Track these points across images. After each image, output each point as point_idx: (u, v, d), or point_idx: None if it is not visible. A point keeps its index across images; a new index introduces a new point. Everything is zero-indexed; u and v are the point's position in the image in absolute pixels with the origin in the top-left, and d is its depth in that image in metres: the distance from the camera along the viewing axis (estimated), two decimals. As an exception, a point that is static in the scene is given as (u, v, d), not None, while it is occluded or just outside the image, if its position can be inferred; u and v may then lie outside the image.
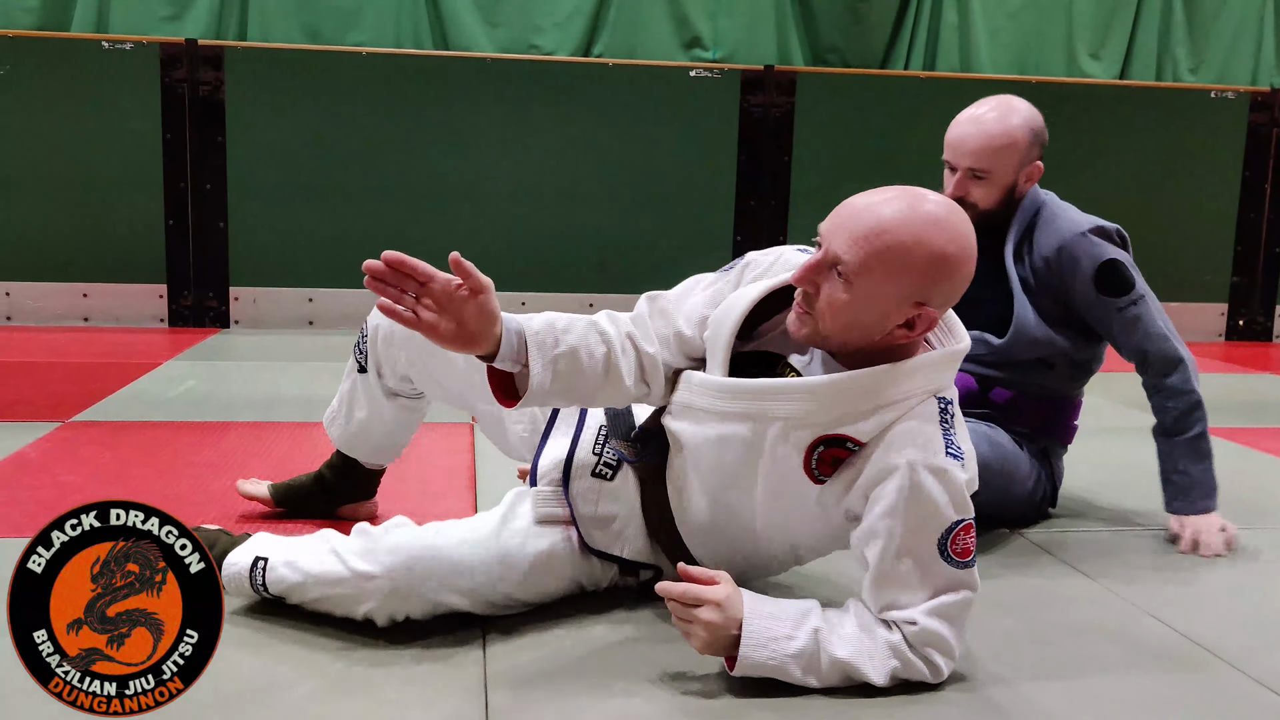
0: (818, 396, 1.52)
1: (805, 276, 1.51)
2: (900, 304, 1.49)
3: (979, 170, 2.23)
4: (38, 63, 4.71)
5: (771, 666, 1.48)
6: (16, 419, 2.96)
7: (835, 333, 1.52)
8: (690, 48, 5.47)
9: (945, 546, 1.49)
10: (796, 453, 1.53)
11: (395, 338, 1.91)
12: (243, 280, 4.93)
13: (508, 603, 1.67)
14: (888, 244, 1.46)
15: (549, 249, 5.12)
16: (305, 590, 1.63)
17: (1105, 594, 1.96)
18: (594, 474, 1.73)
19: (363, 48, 5.05)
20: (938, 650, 1.52)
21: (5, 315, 4.81)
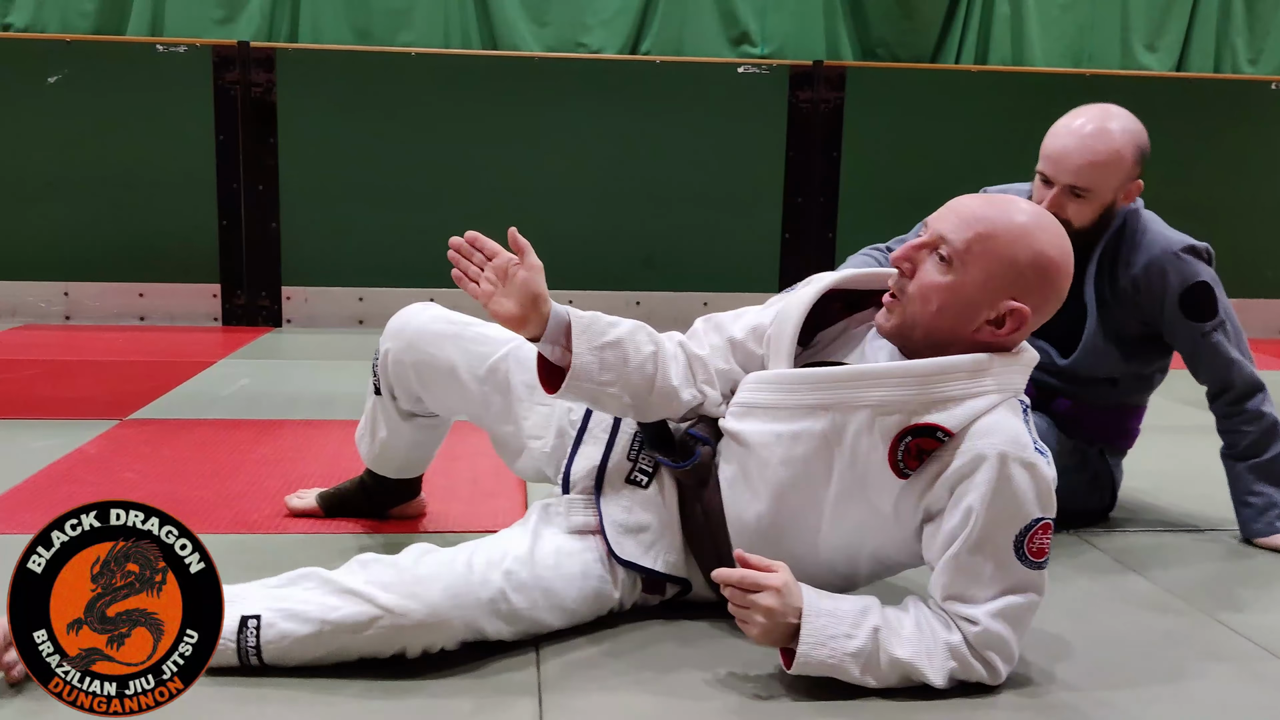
0: (913, 380, 1.49)
1: (904, 254, 1.52)
2: (996, 296, 1.49)
3: (1080, 188, 2.08)
4: (94, 66, 4.79)
5: (830, 665, 1.46)
6: (76, 416, 3.00)
7: (924, 320, 1.52)
8: (738, 44, 5.45)
9: (1022, 544, 1.47)
10: (882, 443, 1.50)
11: (406, 364, 1.85)
12: (294, 280, 4.98)
13: (538, 629, 1.61)
14: (995, 231, 1.48)
15: (596, 246, 5.12)
16: (320, 643, 1.45)
17: (1167, 597, 1.92)
18: (628, 480, 1.68)
19: (412, 48, 5.08)
20: (998, 654, 1.49)
21: (64, 315, 4.90)
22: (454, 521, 2.18)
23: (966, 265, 1.48)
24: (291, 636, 1.45)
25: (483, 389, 1.81)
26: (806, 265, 5.09)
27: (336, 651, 1.47)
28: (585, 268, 5.10)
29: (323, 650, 1.46)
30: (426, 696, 1.45)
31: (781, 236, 5.18)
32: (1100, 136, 2.09)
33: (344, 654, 1.47)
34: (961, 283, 1.49)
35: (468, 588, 1.50)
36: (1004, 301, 1.49)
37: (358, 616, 1.45)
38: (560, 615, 1.61)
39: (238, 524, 2.14)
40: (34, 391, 3.38)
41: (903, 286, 1.53)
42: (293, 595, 1.48)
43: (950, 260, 1.49)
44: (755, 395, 1.62)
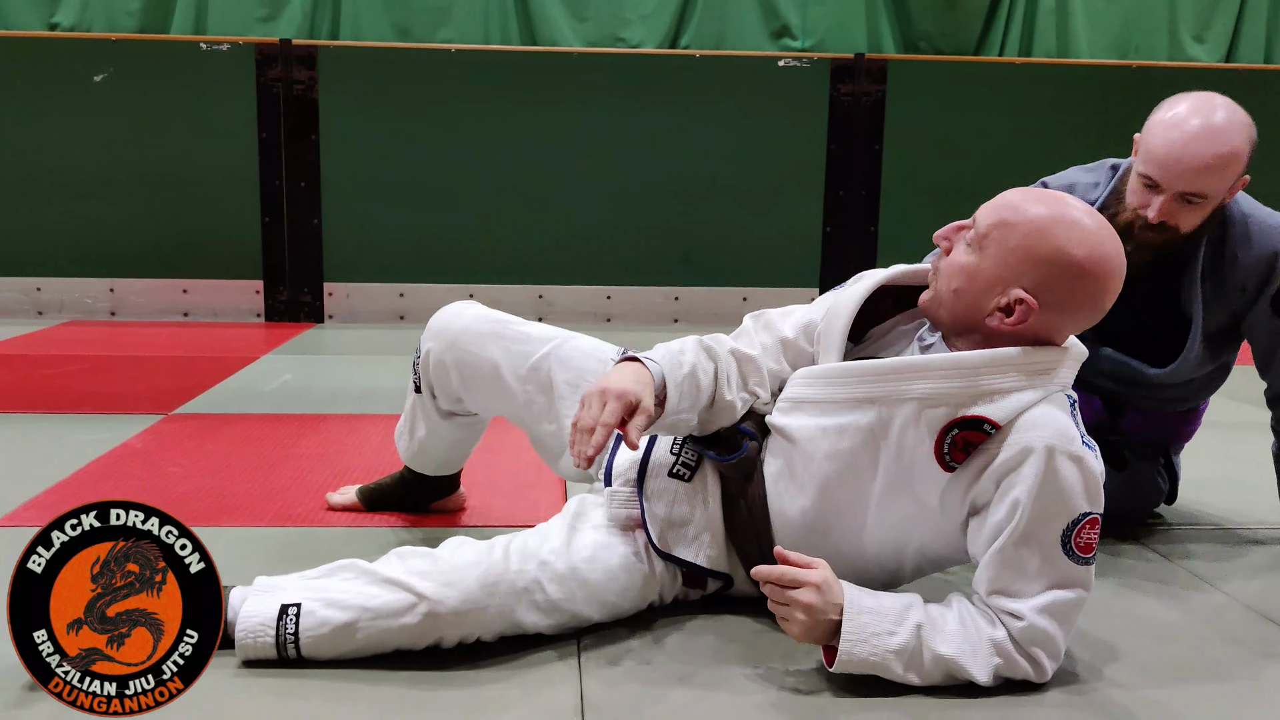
0: (961, 372, 1.49)
1: (943, 233, 1.56)
2: (1006, 283, 1.49)
3: (1194, 195, 1.86)
4: (139, 65, 4.85)
5: (872, 663, 1.45)
6: (122, 411, 3.04)
7: (947, 298, 1.54)
8: (779, 37, 5.42)
9: (1069, 538, 1.45)
10: (928, 436, 1.50)
11: (447, 364, 1.84)
12: (336, 276, 5.02)
13: (576, 622, 1.60)
14: (1017, 220, 1.48)
15: (636, 242, 5.11)
16: (354, 631, 1.45)
17: (1218, 596, 1.89)
18: (671, 474, 1.67)
19: (452, 44, 5.10)
20: (1044, 650, 1.47)
21: (110, 310, 4.96)
22: (494, 515, 2.18)
23: (985, 249, 1.50)
24: (330, 624, 1.45)
25: (525, 388, 1.81)
26: (848, 259, 5.06)
27: (373, 640, 1.46)
28: (624, 263, 5.10)
29: (360, 639, 1.46)
30: (468, 686, 1.45)
31: (823, 230, 5.14)
32: (1215, 137, 1.84)
33: (381, 644, 1.47)
34: (978, 265, 1.50)
35: (503, 577, 1.51)
36: (1014, 290, 1.48)
37: (395, 604, 1.45)
38: (598, 608, 1.60)
39: (281, 518, 2.15)
40: (81, 386, 3.43)
41: (938, 266, 1.56)
42: (332, 585, 1.49)
43: (972, 243, 1.51)
44: (803, 390, 1.62)
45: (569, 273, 5.05)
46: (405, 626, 1.46)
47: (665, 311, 5.13)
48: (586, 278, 5.07)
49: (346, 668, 1.47)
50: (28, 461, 2.51)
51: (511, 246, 5.02)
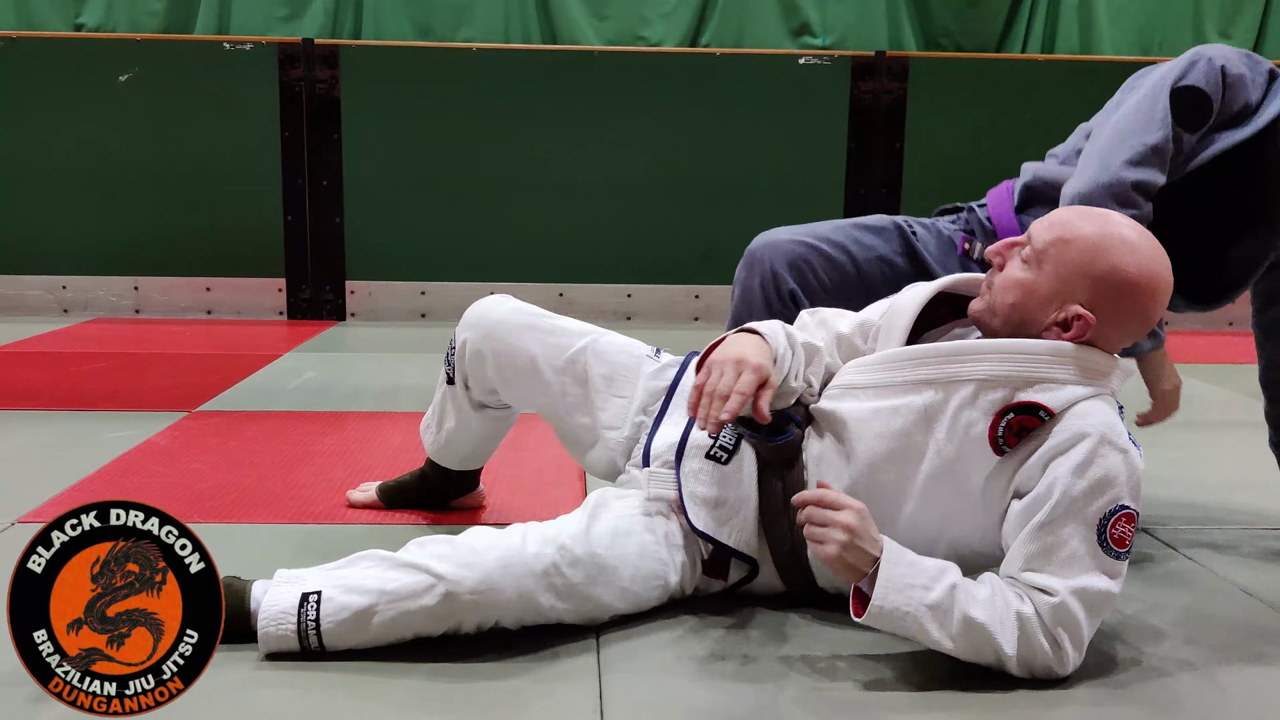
0: (1021, 357, 1.53)
1: (997, 249, 1.62)
2: (1063, 299, 1.55)
3: None
4: (163, 64, 4.88)
5: (904, 614, 1.43)
6: (146, 408, 3.06)
7: (1003, 310, 1.59)
8: (799, 35, 5.41)
9: (1106, 527, 1.46)
10: (984, 418, 1.53)
11: (484, 354, 1.86)
12: (358, 274, 5.04)
13: (596, 609, 1.59)
14: (1073, 238, 1.54)
15: (657, 240, 5.11)
16: (374, 617, 1.46)
17: (1246, 597, 1.87)
18: (708, 455, 1.67)
19: (473, 43, 5.11)
20: (1069, 635, 1.45)
21: (134, 308, 5.00)
22: (515, 513, 2.19)
23: (1042, 266, 1.56)
24: (350, 609, 1.46)
25: (561, 380, 1.83)
26: (868, 258, 5.04)
27: (393, 624, 1.47)
28: (645, 261, 5.10)
29: (380, 623, 1.47)
30: (487, 679, 1.46)
31: (843, 229, 5.13)
32: None
33: (400, 628, 1.48)
34: (1036, 281, 1.56)
35: (521, 559, 1.51)
36: (1072, 306, 1.54)
37: (414, 586, 1.46)
38: (617, 595, 1.60)
39: (303, 515, 2.16)
40: (106, 384, 3.45)
41: (992, 280, 1.62)
42: (352, 573, 1.51)
43: (1028, 260, 1.57)
44: (856, 377, 1.65)
45: (589, 271, 5.05)
46: (424, 608, 1.47)
47: (686, 310, 5.13)
48: (607, 276, 5.07)
49: (366, 660, 1.48)
50: (54, 458, 2.54)
51: (532, 244, 5.03)
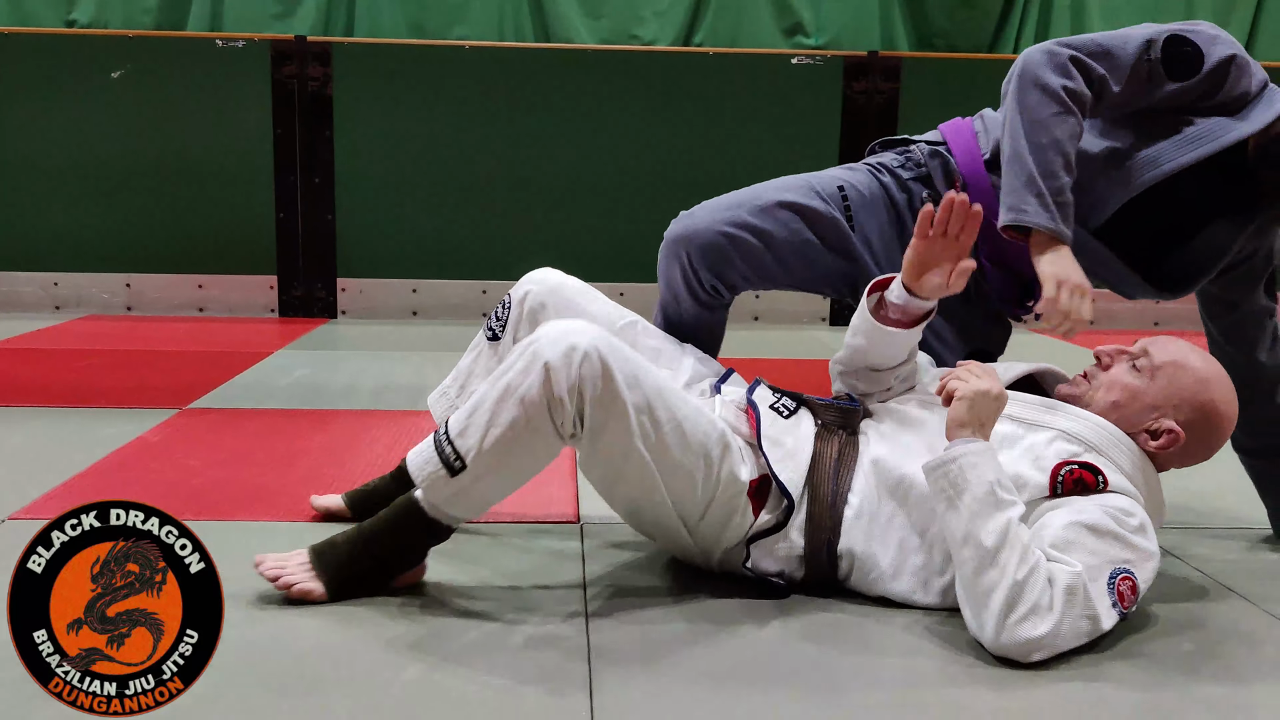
0: (1106, 432, 1.69)
1: (1111, 351, 1.79)
2: (1163, 413, 1.72)
3: None
4: (156, 61, 4.88)
5: (964, 478, 1.56)
6: (138, 405, 3.06)
7: (1103, 407, 1.74)
8: (792, 35, 5.42)
9: (1115, 578, 1.56)
10: (1052, 458, 1.65)
11: (546, 306, 1.95)
12: (350, 271, 5.04)
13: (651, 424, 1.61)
14: (1190, 366, 1.73)
15: (650, 239, 5.07)
16: (480, 405, 1.59)
17: (1231, 596, 1.88)
18: (771, 408, 1.79)
19: (466, 41, 5.11)
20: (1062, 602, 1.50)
21: (126, 305, 4.99)
22: (503, 511, 2.18)
23: (1155, 378, 1.73)
24: (465, 410, 1.61)
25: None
26: (860, 257, 5.05)
27: (502, 408, 1.57)
28: (638, 261, 5.09)
29: (488, 409, 1.58)
30: (482, 678, 1.46)
31: (835, 228, 5.14)
32: None
33: (509, 411, 1.56)
34: (1145, 389, 1.73)
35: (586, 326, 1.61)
36: (1168, 420, 1.71)
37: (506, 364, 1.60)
38: (678, 437, 1.63)
39: (295, 512, 2.16)
40: (97, 381, 3.45)
41: (1095, 374, 1.78)
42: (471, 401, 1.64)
43: (1143, 370, 1.74)
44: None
45: (582, 268, 4.99)
46: (525, 390, 1.55)
47: (678, 308, 5.13)
48: (600, 274, 5.02)
49: (358, 660, 1.48)
50: (47, 455, 2.54)
51: (524, 242, 5.04)
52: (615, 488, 1.71)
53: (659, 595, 1.76)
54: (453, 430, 1.61)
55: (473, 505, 1.67)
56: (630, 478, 1.65)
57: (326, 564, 1.67)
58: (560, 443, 1.62)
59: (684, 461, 1.64)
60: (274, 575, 1.65)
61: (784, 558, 1.72)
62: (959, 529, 1.55)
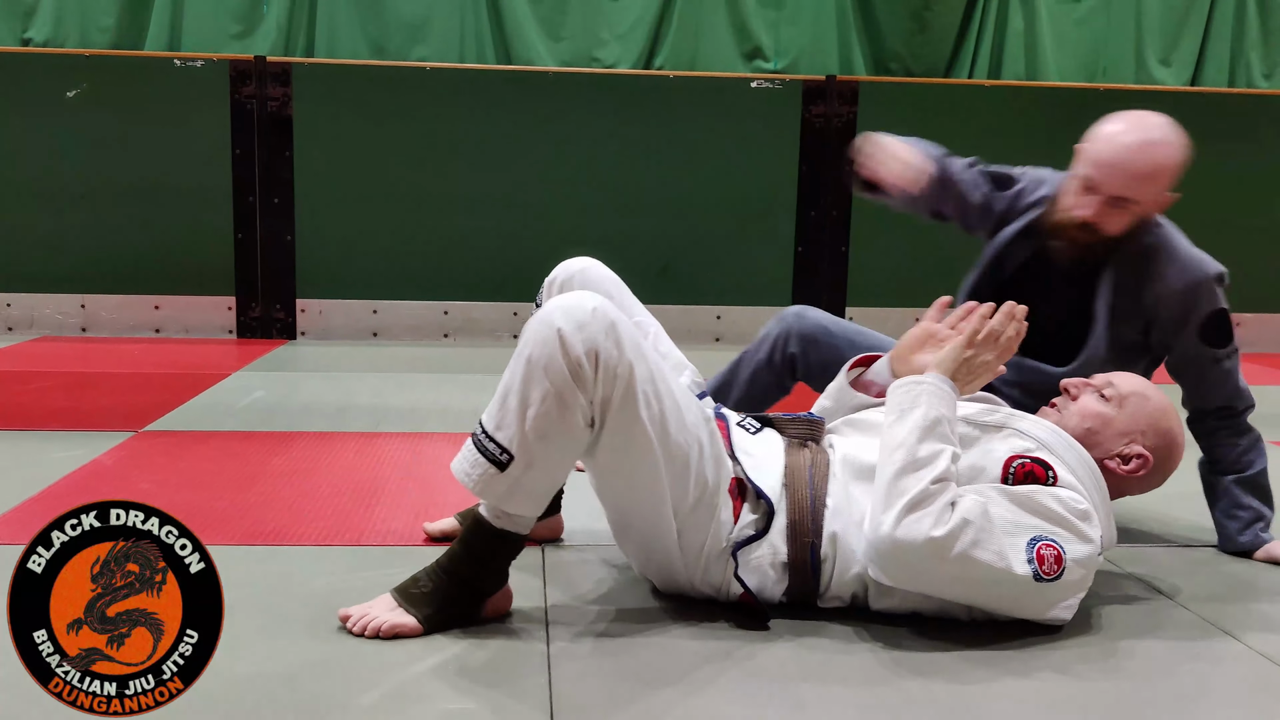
0: (1060, 439, 1.80)
1: (1077, 383, 1.92)
2: (1132, 439, 1.86)
3: (1126, 199, 2.10)
4: (113, 80, 4.83)
5: (914, 397, 1.73)
6: (92, 428, 3.02)
7: (1076, 433, 1.84)
8: (751, 59, 5.47)
9: (1036, 542, 1.65)
10: (1005, 452, 1.76)
11: (574, 279, 2.01)
12: (309, 292, 5.01)
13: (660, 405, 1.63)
14: (1151, 396, 1.89)
15: (611, 259, 5.06)
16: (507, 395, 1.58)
17: (1179, 611, 1.92)
18: (738, 425, 1.85)
19: (427, 62, 5.12)
20: (956, 522, 1.61)
21: (81, 326, 4.93)
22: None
23: (1123, 406, 1.87)
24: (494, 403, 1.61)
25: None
26: (820, 280, 5.10)
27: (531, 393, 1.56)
28: (598, 281, 5.11)
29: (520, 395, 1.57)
30: (443, 688, 1.46)
31: (795, 250, 5.18)
32: (1153, 148, 2.11)
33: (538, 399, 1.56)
34: (1114, 416, 1.87)
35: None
36: (1137, 445, 1.85)
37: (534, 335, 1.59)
38: (676, 415, 1.65)
39: (252, 535, 2.15)
40: (51, 403, 3.41)
41: (1065, 405, 1.91)
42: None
43: (1110, 399, 1.88)
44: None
45: (543, 290, 5.05)
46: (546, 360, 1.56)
47: (639, 329, 5.14)
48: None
49: (329, 688, 1.47)
50: (-3, 478, 2.50)
51: (485, 263, 5.03)
52: (616, 477, 1.69)
53: (622, 613, 1.76)
54: (489, 426, 1.61)
55: (532, 497, 1.64)
56: (635, 459, 1.63)
57: (412, 599, 1.66)
58: (587, 431, 1.61)
59: (681, 442, 1.65)
60: (362, 628, 1.64)
61: (767, 567, 1.72)
62: (899, 435, 1.68)
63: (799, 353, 2.40)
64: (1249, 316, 5.25)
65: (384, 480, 2.56)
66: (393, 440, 2.99)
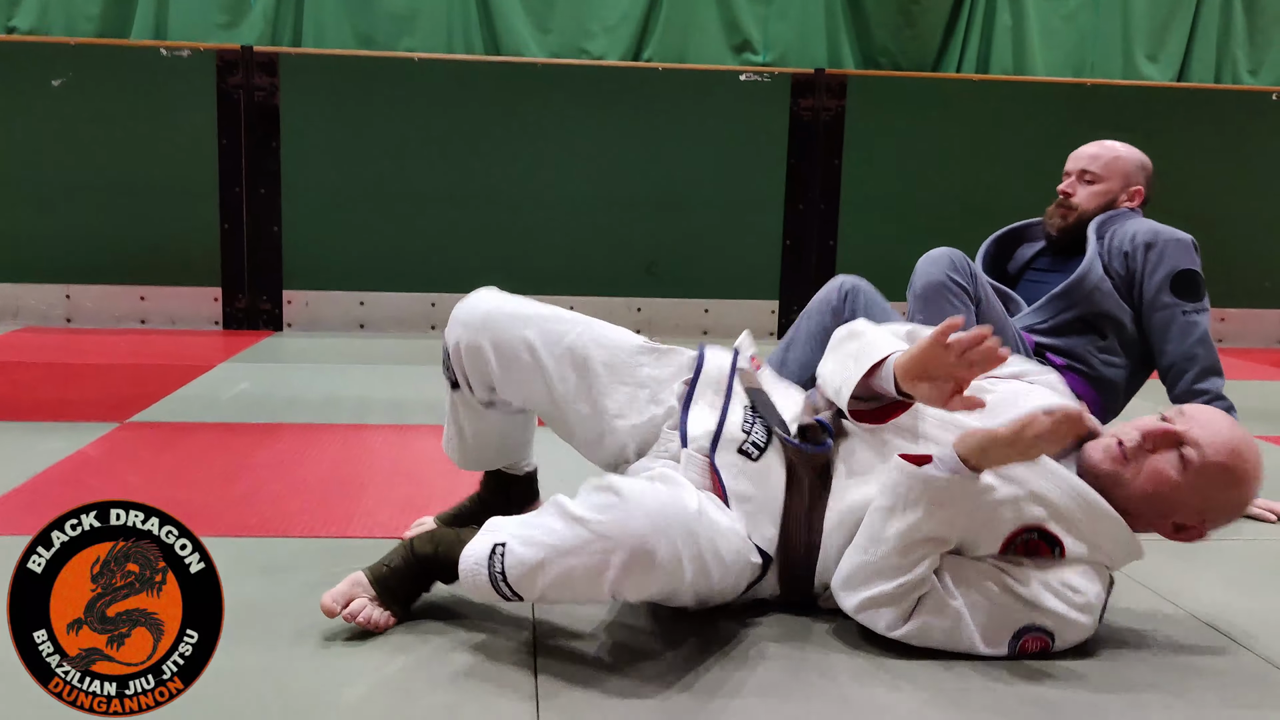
0: (1080, 503, 1.64)
1: (1156, 434, 1.64)
2: (1200, 516, 1.66)
3: (1089, 173, 2.65)
4: (99, 70, 4.81)
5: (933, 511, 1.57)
6: (77, 419, 3.01)
7: (1135, 491, 1.65)
8: (740, 52, 5.46)
9: (1023, 635, 1.61)
10: (1013, 522, 1.63)
11: (481, 348, 1.80)
12: (295, 284, 4.99)
13: (705, 581, 1.53)
14: (1233, 470, 1.62)
15: (598, 253, 5.13)
16: (544, 571, 1.46)
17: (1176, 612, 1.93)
18: (739, 450, 1.70)
19: (415, 53, 5.10)
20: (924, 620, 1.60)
21: (65, 317, 4.91)
22: None
23: (1199, 477, 1.62)
24: (525, 564, 1.47)
25: (560, 367, 1.79)
26: (808, 273, 5.11)
27: (563, 580, 1.47)
28: (587, 274, 5.11)
29: (550, 578, 1.47)
30: (427, 693, 1.46)
31: (783, 244, 5.19)
32: (1104, 144, 2.72)
33: (569, 587, 1.48)
34: (1187, 489, 1.63)
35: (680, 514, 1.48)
36: (1201, 519, 1.66)
37: (571, 542, 1.46)
38: (720, 571, 1.54)
39: (237, 528, 2.15)
40: (35, 394, 3.39)
41: (1136, 454, 1.65)
42: (535, 521, 1.52)
43: (1189, 464, 1.62)
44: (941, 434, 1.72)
45: (530, 282, 5.00)
46: (585, 569, 1.45)
47: (628, 322, 5.11)
48: (548, 287, 5.06)
49: (315, 685, 1.47)
50: (-20, 470, 2.49)
51: (471, 255, 5.03)
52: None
53: (605, 623, 1.76)
54: (510, 576, 1.50)
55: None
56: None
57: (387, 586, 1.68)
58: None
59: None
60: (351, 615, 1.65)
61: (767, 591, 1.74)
62: (886, 531, 1.59)
63: (854, 288, 2.49)
64: (1233, 312, 5.28)
65: (370, 472, 2.56)
66: (379, 432, 2.99)
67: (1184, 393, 2.50)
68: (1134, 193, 2.67)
